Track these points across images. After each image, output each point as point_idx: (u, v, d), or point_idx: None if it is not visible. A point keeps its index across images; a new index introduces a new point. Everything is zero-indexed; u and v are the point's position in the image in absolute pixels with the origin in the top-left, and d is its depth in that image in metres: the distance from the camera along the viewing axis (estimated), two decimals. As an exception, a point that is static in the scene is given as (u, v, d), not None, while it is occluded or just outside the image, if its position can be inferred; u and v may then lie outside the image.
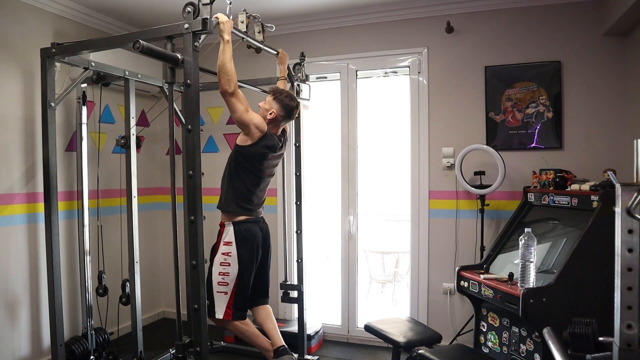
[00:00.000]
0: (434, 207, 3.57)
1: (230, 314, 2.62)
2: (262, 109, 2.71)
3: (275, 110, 2.67)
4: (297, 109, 2.76)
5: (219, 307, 2.61)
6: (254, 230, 2.70)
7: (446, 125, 3.53)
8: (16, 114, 3.07)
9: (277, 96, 2.69)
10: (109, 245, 3.41)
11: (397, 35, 3.63)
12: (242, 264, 2.62)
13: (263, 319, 2.85)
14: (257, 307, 2.86)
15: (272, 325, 2.83)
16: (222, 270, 2.61)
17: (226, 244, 2.63)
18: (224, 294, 2.61)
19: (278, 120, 2.71)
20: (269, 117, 2.67)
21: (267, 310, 2.88)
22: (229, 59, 2.35)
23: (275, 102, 2.68)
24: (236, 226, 2.65)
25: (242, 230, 2.65)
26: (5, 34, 3.00)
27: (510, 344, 2.68)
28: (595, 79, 3.21)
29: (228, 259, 2.62)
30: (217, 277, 2.62)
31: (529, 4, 3.31)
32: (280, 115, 2.68)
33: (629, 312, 1.08)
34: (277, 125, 2.74)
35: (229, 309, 2.61)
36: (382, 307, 4.90)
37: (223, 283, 2.61)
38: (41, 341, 3.23)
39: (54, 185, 2.59)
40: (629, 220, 1.07)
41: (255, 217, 2.74)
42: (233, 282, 2.61)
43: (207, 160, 3.81)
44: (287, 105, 2.68)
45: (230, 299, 2.61)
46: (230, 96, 2.42)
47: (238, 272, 2.61)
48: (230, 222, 2.66)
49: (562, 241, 2.64)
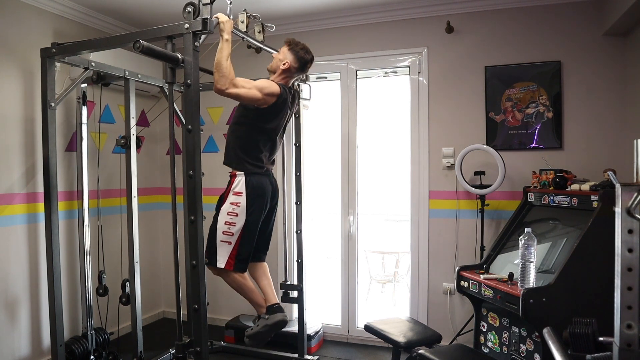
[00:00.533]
0: (434, 207, 3.57)
1: (232, 264, 2.56)
2: (276, 59, 2.66)
3: (289, 61, 2.62)
4: (311, 62, 2.70)
5: (221, 257, 2.56)
6: (265, 182, 2.64)
7: (446, 125, 3.53)
8: (16, 114, 3.07)
9: (293, 47, 2.64)
10: (109, 245, 3.41)
11: (397, 35, 3.63)
12: (250, 216, 2.56)
13: (259, 275, 2.80)
14: (255, 262, 2.80)
15: (267, 282, 2.78)
16: (229, 220, 2.55)
17: (236, 194, 2.57)
18: (228, 244, 2.56)
19: (291, 72, 2.66)
20: (282, 67, 2.62)
21: (263, 268, 2.83)
22: (225, 57, 2.32)
23: (290, 53, 2.63)
24: (247, 177, 2.58)
25: (254, 182, 2.58)
26: (5, 34, 3.00)
27: (510, 344, 2.68)
28: (595, 79, 3.21)
29: (236, 209, 2.55)
30: (223, 227, 2.56)
31: (529, 4, 3.32)
32: (293, 66, 2.63)
33: (629, 312, 1.08)
34: (290, 77, 2.68)
35: (231, 259, 2.56)
36: (382, 307, 4.90)
37: (228, 233, 2.55)
38: (41, 341, 3.23)
39: (54, 185, 2.59)
40: (629, 220, 1.07)
41: (266, 170, 2.69)
42: (238, 233, 2.55)
43: (207, 160, 3.80)
44: (301, 58, 2.63)
45: (233, 250, 2.56)
46: (226, 91, 2.35)
47: (245, 224, 2.55)
48: (242, 172, 2.59)
49: (562, 241, 2.64)
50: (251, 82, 2.45)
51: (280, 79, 2.65)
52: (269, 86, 2.51)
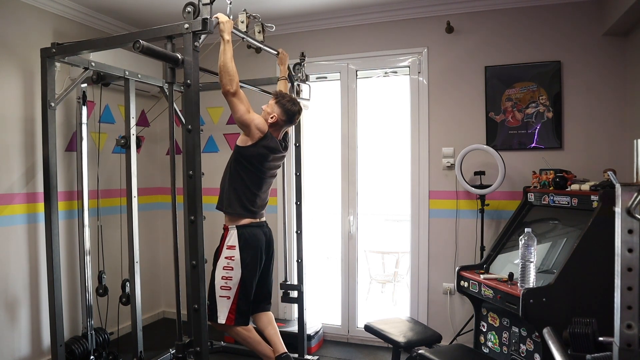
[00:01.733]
0: (434, 207, 3.57)
1: (233, 319, 2.60)
2: (264, 112, 2.71)
3: (276, 114, 2.66)
4: (299, 114, 2.75)
5: (221, 312, 2.59)
6: (258, 234, 2.68)
7: (446, 125, 3.53)
8: (16, 114, 3.07)
9: (279, 100, 2.68)
10: (109, 245, 3.41)
11: (397, 35, 3.63)
12: (246, 269, 2.60)
13: (265, 325, 2.83)
14: (259, 313, 2.84)
15: (274, 332, 2.81)
16: (225, 275, 2.59)
17: (229, 247, 2.61)
18: (227, 298, 2.59)
19: (279, 125, 2.70)
20: (270, 121, 2.66)
21: (269, 317, 2.86)
22: (230, 58, 2.35)
23: (277, 106, 2.67)
24: (240, 230, 2.63)
25: (246, 234, 2.63)
26: (5, 34, 3.00)
27: (510, 344, 2.68)
28: (595, 79, 3.21)
29: (231, 263, 2.60)
30: (220, 282, 2.60)
31: (529, 4, 3.32)
32: (281, 119, 2.68)
33: (629, 312, 1.08)
34: (279, 129, 2.73)
35: (231, 314, 2.59)
36: (382, 307, 4.90)
37: (226, 287, 2.59)
38: (41, 341, 3.23)
39: (54, 185, 2.59)
40: (629, 220, 1.07)
41: (259, 222, 2.73)
42: (236, 287, 2.59)
43: (207, 160, 3.81)
44: (288, 110, 2.68)
45: (232, 304, 2.59)
46: (232, 96, 2.42)
47: (241, 277, 2.59)
48: (234, 225, 2.64)
49: (562, 241, 2.64)
50: (250, 107, 2.54)
51: (271, 130, 2.68)
52: (261, 123, 2.59)
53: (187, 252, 2.21)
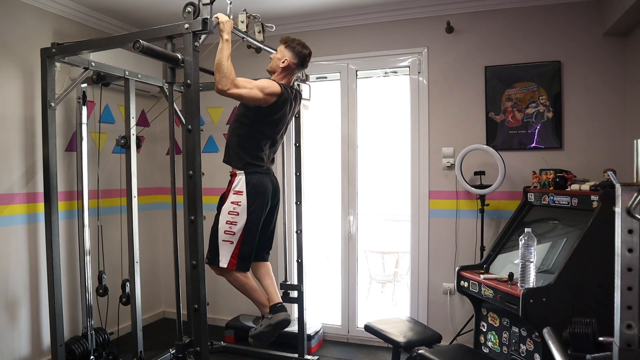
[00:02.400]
0: (434, 207, 3.57)
1: (235, 263, 2.55)
2: (274, 58, 2.66)
3: (288, 58, 2.61)
4: (309, 56, 2.69)
5: (223, 256, 2.55)
6: (265, 181, 2.63)
7: (446, 125, 3.53)
8: (16, 114, 3.07)
9: (289, 44, 2.63)
10: (109, 245, 3.41)
11: (397, 35, 3.63)
12: (251, 215, 2.55)
13: (262, 275, 2.79)
14: (258, 262, 2.79)
15: (270, 281, 2.77)
16: (230, 220, 2.54)
17: (236, 193, 2.56)
18: (230, 243, 2.54)
19: (291, 69, 2.65)
20: (281, 66, 2.62)
21: (266, 267, 2.82)
22: (225, 57, 2.31)
23: (287, 50, 2.62)
24: (248, 176, 2.57)
25: (254, 180, 2.57)
26: (5, 34, 3.00)
27: (510, 344, 2.68)
28: (595, 79, 3.21)
29: (237, 208, 2.54)
30: (224, 226, 2.55)
31: (529, 4, 3.31)
32: (293, 62, 2.63)
33: (629, 312, 1.08)
34: (291, 74, 2.67)
35: (233, 258, 2.54)
36: (382, 307, 4.90)
37: (230, 232, 2.54)
38: (41, 341, 3.23)
39: (54, 185, 2.59)
40: (629, 220, 1.07)
41: (267, 168, 2.68)
42: (240, 233, 2.54)
43: (207, 160, 3.80)
44: (299, 53, 2.63)
45: (235, 249, 2.54)
46: (227, 92, 2.34)
47: (246, 222, 2.54)
48: (242, 171, 2.58)
49: (562, 241, 2.64)
50: (252, 82, 2.44)
51: (281, 77, 2.64)
52: (270, 86, 2.50)
53: (187, 252, 2.21)
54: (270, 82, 2.54)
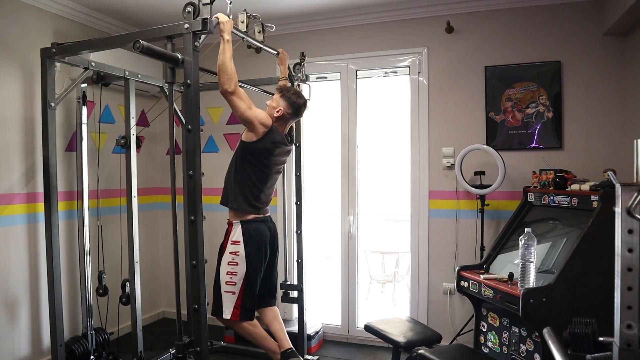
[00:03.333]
0: (434, 207, 3.57)
1: (238, 314, 2.59)
2: (270, 106, 2.69)
3: (282, 108, 2.65)
4: (305, 106, 2.73)
5: (227, 307, 2.59)
6: (262, 229, 2.68)
7: (446, 125, 3.53)
8: (16, 114, 3.07)
9: (284, 93, 2.67)
10: (109, 245, 3.41)
11: (397, 35, 3.63)
12: (250, 264, 2.59)
13: (270, 320, 2.83)
14: (264, 308, 2.84)
15: (279, 327, 2.80)
16: (230, 270, 2.58)
17: (234, 243, 2.61)
18: (232, 293, 2.58)
19: (285, 118, 2.69)
20: (275, 115, 2.65)
21: (274, 312, 2.86)
22: (229, 58, 2.34)
23: (282, 100, 2.66)
24: (244, 225, 2.62)
25: (251, 229, 2.62)
26: (5, 34, 3.00)
27: (510, 344, 2.68)
28: (595, 79, 3.21)
29: (236, 259, 2.59)
30: (225, 277, 2.59)
31: (529, 4, 3.31)
32: (287, 112, 2.66)
33: (629, 312, 1.08)
34: (285, 123, 2.71)
35: (236, 309, 2.58)
36: (382, 307, 4.90)
37: (231, 283, 2.58)
38: (41, 341, 3.23)
39: (54, 185, 2.59)
40: (629, 220, 1.07)
41: (263, 217, 2.72)
42: (241, 282, 2.58)
43: (207, 160, 3.81)
44: (294, 103, 2.67)
45: (237, 299, 2.58)
46: (231, 95, 2.40)
47: (246, 272, 2.58)
48: (238, 220, 2.63)
49: (562, 241, 2.64)
50: (252, 103, 2.52)
51: (277, 125, 2.67)
52: (264, 118, 2.57)
53: (187, 252, 2.21)
54: (266, 115, 2.60)
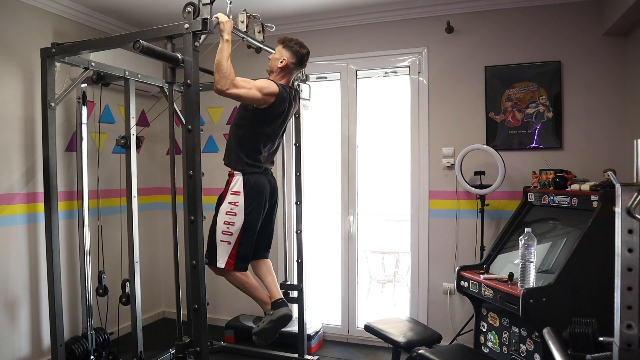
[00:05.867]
0: (434, 207, 3.57)
1: (232, 264, 2.55)
2: (272, 59, 2.66)
3: (286, 58, 2.61)
4: (308, 55, 2.69)
5: (221, 257, 2.55)
6: (263, 181, 2.64)
7: (446, 125, 3.53)
8: (16, 114, 3.07)
9: (287, 44, 2.63)
10: (109, 245, 3.41)
11: (397, 35, 3.63)
12: (249, 215, 2.56)
13: (263, 273, 2.79)
14: (258, 260, 2.80)
15: (271, 279, 2.77)
16: (228, 220, 2.55)
17: (234, 193, 2.57)
18: (227, 243, 2.55)
19: (289, 68, 2.65)
20: (279, 66, 2.61)
21: (267, 265, 2.82)
22: (225, 57, 2.31)
23: (285, 50, 2.62)
24: (245, 176, 2.58)
25: (251, 181, 2.58)
26: (5, 34, 3.00)
27: (510, 344, 2.68)
28: (595, 79, 3.21)
29: (234, 209, 2.55)
30: (222, 226, 2.56)
31: (529, 4, 3.31)
32: (291, 62, 2.63)
33: (629, 312, 1.08)
34: (289, 74, 2.67)
35: (230, 259, 2.55)
36: (382, 307, 4.90)
37: (227, 232, 2.55)
38: (41, 341, 3.23)
39: (54, 185, 2.59)
40: (629, 220, 1.07)
41: (265, 170, 2.69)
42: (237, 233, 2.55)
43: (207, 160, 3.80)
44: (297, 52, 2.63)
45: (233, 249, 2.55)
46: (227, 92, 2.34)
47: (243, 223, 2.55)
48: (239, 171, 2.59)
49: (562, 241, 2.64)
50: (251, 82, 2.44)
51: (280, 77, 2.64)
52: (268, 86, 2.50)
53: (187, 252, 2.21)
54: (268, 82, 2.53)
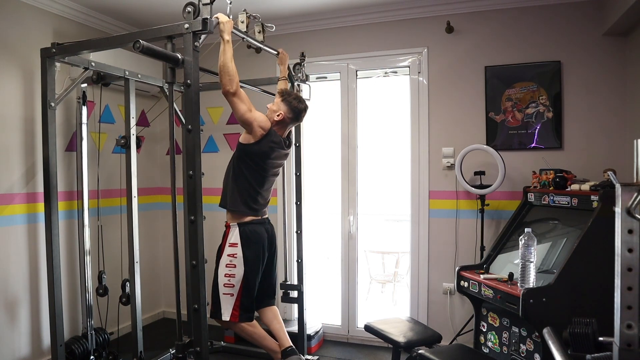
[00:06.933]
0: (434, 207, 3.57)
1: (237, 315, 2.61)
2: (270, 110, 2.70)
3: (283, 112, 2.66)
4: (305, 111, 2.75)
5: (225, 309, 2.60)
6: (260, 231, 2.69)
7: (446, 125, 3.53)
8: (16, 114, 3.07)
9: (286, 98, 2.68)
10: (109, 245, 3.41)
11: (397, 35, 3.63)
12: (248, 265, 2.61)
13: (270, 320, 2.84)
14: (264, 308, 2.85)
15: (279, 326, 2.82)
16: (228, 272, 2.60)
17: (232, 245, 2.62)
18: (230, 295, 2.60)
19: (285, 122, 2.69)
20: (276, 119, 2.65)
21: (274, 312, 2.87)
22: (230, 58, 2.35)
23: (283, 104, 2.67)
24: (242, 227, 2.63)
25: (248, 232, 2.63)
26: (5, 34, 3.00)
27: (510, 344, 2.68)
28: (595, 79, 3.21)
29: (234, 261, 2.60)
30: (223, 279, 2.61)
31: (528, 4, 3.31)
32: (288, 117, 2.67)
33: (629, 312, 1.08)
34: (285, 127, 2.72)
35: (235, 310, 2.60)
36: (382, 307, 4.90)
37: (229, 285, 2.59)
38: (41, 341, 3.23)
39: (54, 185, 2.59)
40: (629, 220, 1.07)
41: (261, 218, 2.73)
42: (239, 284, 2.60)
43: (207, 160, 3.81)
44: (295, 108, 2.67)
45: (236, 301, 2.60)
46: (233, 96, 2.41)
47: (244, 274, 2.60)
48: (235, 223, 2.65)
49: (562, 241, 2.64)
50: (252, 108, 2.53)
51: (276, 129, 2.68)
52: (263, 120, 2.58)
53: (187, 252, 2.21)
54: (265, 118, 2.60)
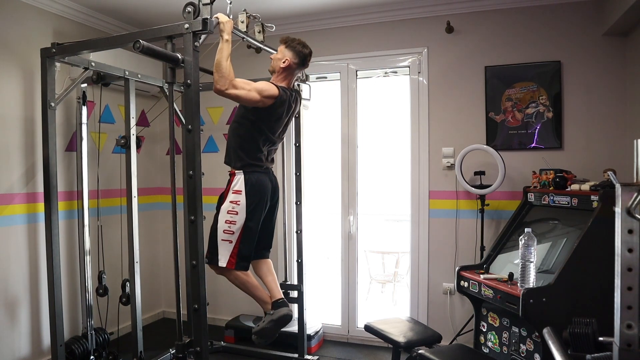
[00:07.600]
0: (434, 207, 3.57)
1: (234, 263, 2.55)
2: (275, 59, 2.66)
3: (288, 58, 2.61)
4: (310, 56, 2.68)
5: (222, 256, 2.55)
6: (264, 180, 2.63)
7: (446, 125, 3.53)
8: (16, 114, 3.07)
9: (289, 43, 2.63)
10: (109, 245, 3.41)
11: (397, 35, 3.63)
12: (250, 214, 2.55)
13: (264, 272, 2.79)
14: (259, 260, 2.79)
15: (272, 278, 2.77)
16: (229, 219, 2.54)
17: (235, 192, 2.56)
18: (229, 242, 2.55)
19: (292, 69, 2.64)
20: (282, 66, 2.61)
21: (268, 264, 2.82)
22: (225, 57, 2.31)
23: (288, 50, 2.62)
24: (247, 175, 2.57)
25: (253, 180, 2.58)
26: (5, 34, 3.00)
27: (510, 344, 2.68)
28: (595, 79, 3.21)
29: (236, 208, 2.54)
30: (223, 226, 2.55)
31: (529, 4, 3.31)
32: (294, 62, 2.62)
33: (629, 312, 1.08)
34: (291, 74, 2.67)
35: (232, 258, 2.55)
36: (382, 307, 4.90)
37: (229, 232, 2.54)
38: (41, 341, 3.23)
39: (54, 185, 2.59)
40: (629, 220, 1.07)
41: (266, 169, 2.68)
42: (239, 232, 2.54)
43: (207, 160, 3.81)
44: (300, 52, 2.62)
45: (234, 248, 2.55)
46: (226, 92, 2.34)
47: (245, 222, 2.55)
48: (241, 170, 2.59)
49: (562, 241, 2.64)
50: (251, 84, 2.44)
51: (282, 77, 2.64)
52: (268, 88, 2.49)
53: (187, 252, 2.21)
54: (268, 84, 2.53)
